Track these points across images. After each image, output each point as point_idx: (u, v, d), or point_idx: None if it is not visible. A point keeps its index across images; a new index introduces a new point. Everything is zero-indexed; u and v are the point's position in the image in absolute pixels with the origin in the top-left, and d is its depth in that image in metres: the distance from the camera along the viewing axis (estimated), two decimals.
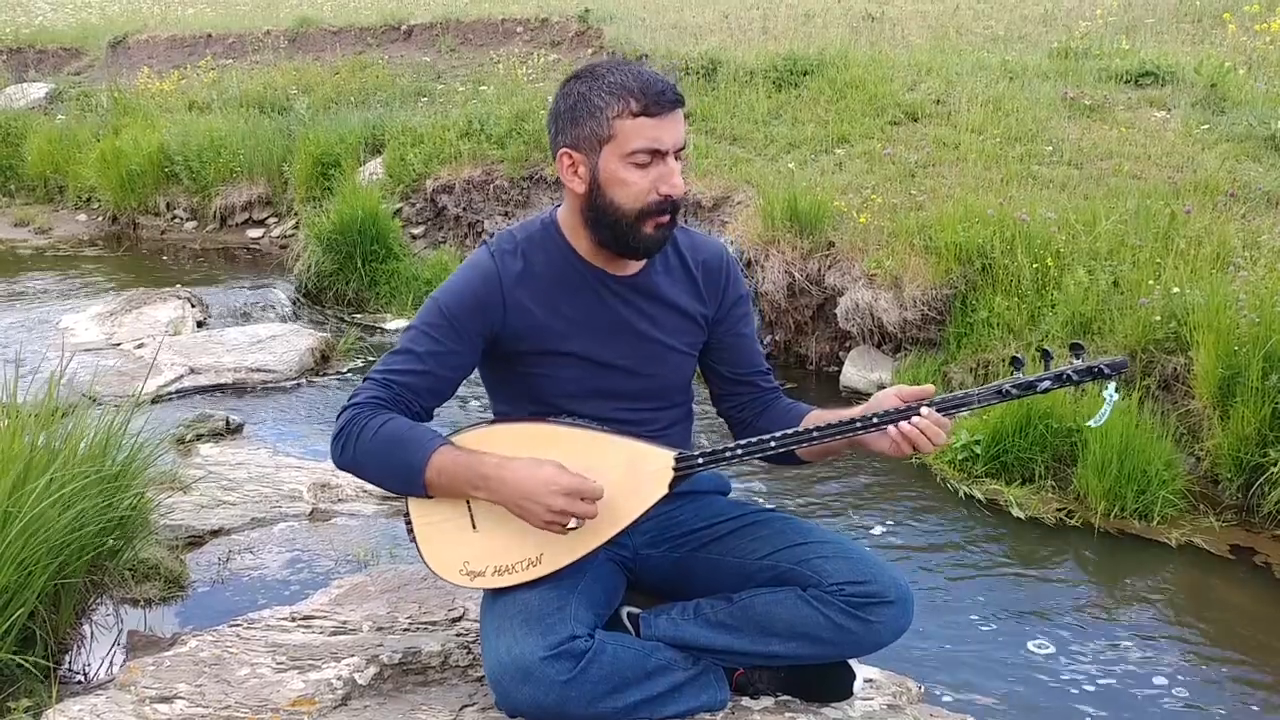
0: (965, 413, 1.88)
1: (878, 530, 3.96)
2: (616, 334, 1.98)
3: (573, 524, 1.81)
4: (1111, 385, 1.85)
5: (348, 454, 1.87)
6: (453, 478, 1.82)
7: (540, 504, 1.78)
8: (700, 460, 1.90)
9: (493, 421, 2.01)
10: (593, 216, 1.89)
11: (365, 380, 1.92)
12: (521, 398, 2.00)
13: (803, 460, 2.04)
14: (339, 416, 1.89)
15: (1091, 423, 1.93)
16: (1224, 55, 7.81)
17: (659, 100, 1.81)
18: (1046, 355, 1.86)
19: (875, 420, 1.85)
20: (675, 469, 1.90)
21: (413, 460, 1.82)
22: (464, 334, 1.91)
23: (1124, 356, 2.06)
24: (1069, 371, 1.84)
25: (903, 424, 1.82)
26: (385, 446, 1.83)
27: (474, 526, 1.87)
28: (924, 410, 1.82)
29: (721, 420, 2.21)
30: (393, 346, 1.96)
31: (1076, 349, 1.85)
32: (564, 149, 1.88)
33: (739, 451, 1.89)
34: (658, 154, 1.84)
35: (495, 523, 1.86)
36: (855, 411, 1.90)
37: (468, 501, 1.87)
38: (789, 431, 1.90)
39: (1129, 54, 7.95)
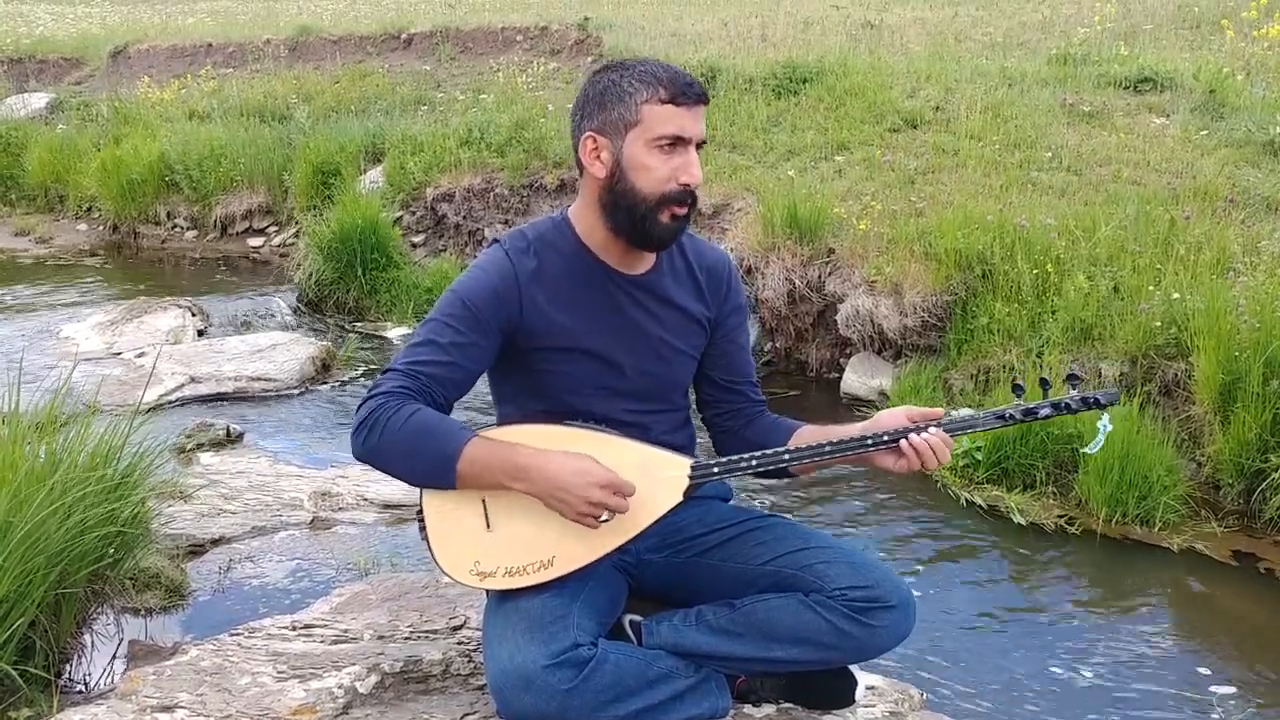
0: (970, 433, 1.97)
1: (879, 536, 3.95)
2: (626, 331, 1.99)
3: (605, 517, 1.81)
4: (1105, 416, 1.94)
5: (371, 443, 1.83)
6: (486, 467, 1.82)
7: (578, 495, 1.79)
8: (716, 469, 1.92)
9: (506, 422, 2.01)
10: (611, 201, 1.91)
11: (387, 371, 1.90)
12: (530, 396, 2.00)
13: (793, 473, 2.07)
14: (361, 406, 1.86)
15: (1088, 450, 2.06)
16: (1222, 61, 7.82)
17: (686, 91, 1.87)
18: (1045, 383, 1.94)
19: (886, 438, 1.90)
20: (691, 476, 1.91)
21: (445, 450, 1.81)
22: (485, 327, 1.91)
23: (1117, 390, 2.23)
24: (1067, 400, 1.93)
25: (913, 438, 1.88)
26: (415, 436, 1.81)
27: (488, 526, 1.87)
28: (931, 429, 1.89)
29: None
30: (399, 347, 1.96)
31: (1073, 379, 1.95)
32: (589, 133, 1.91)
33: (753, 463, 1.92)
34: (681, 142, 1.88)
35: (510, 523, 1.86)
36: (859, 428, 1.94)
37: (483, 501, 1.87)
38: (803, 446, 1.93)
39: (1128, 60, 7.97)
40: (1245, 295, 4.27)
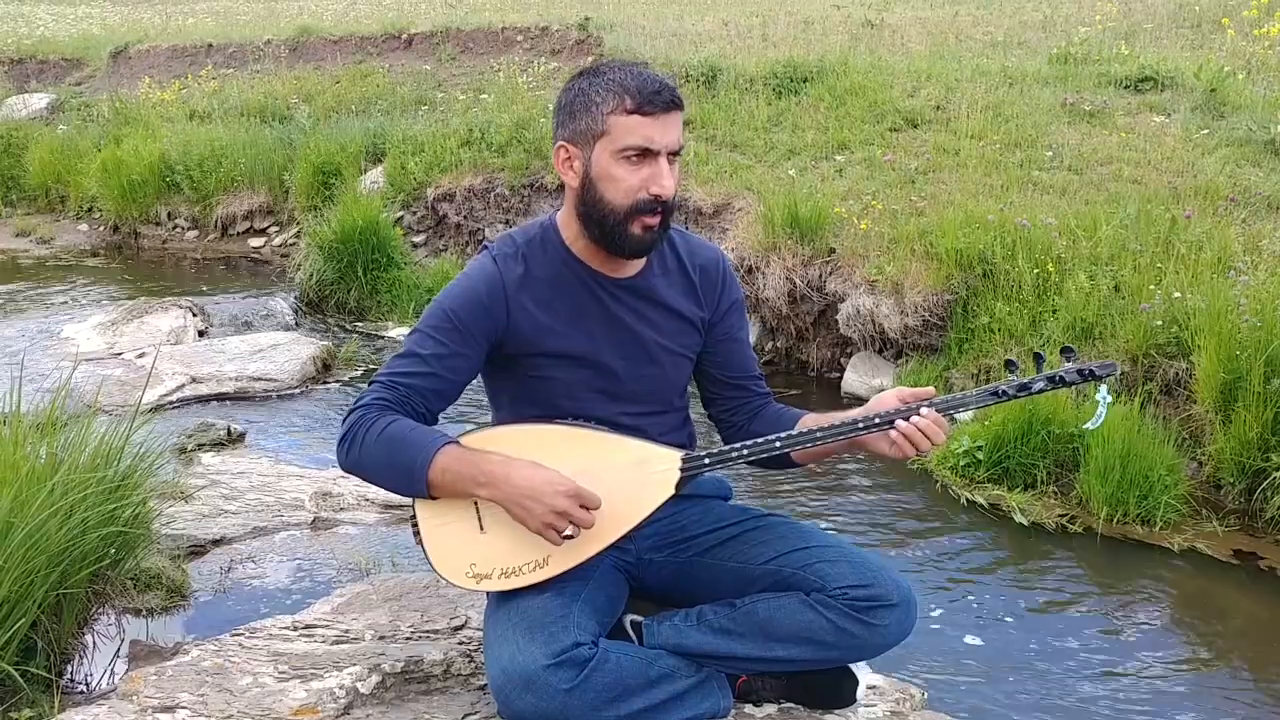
0: (964, 413, 1.93)
1: (879, 535, 3.95)
2: (615, 336, 1.99)
3: (569, 530, 1.81)
4: (1104, 388, 1.90)
5: (353, 455, 1.87)
6: (457, 476, 1.82)
7: (543, 503, 1.79)
8: (707, 460, 1.91)
9: (500, 423, 2.02)
10: (584, 211, 1.91)
11: (371, 383, 1.92)
12: (523, 401, 2.01)
13: (797, 462, 2.05)
14: (345, 419, 1.89)
15: (1088, 426, 1.99)
16: (1223, 60, 7.81)
17: (653, 100, 1.84)
18: (1039, 358, 1.90)
19: (877, 420, 1.87)
20: (682, 469, 1.91)
21: (416, 459, 1.82)
22: (469, 337, 1.92)
23: (1114, 360, 2.13)
24: (1062, 373, 1.89)
25: (901, 423, 1.85)
26: (389, 446, 1.83)
27: (481, 529, 1.88)
28: (923, 410, 1.86)
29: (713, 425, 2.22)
30: (396, 350, 1.97)
31: (1067, 352, 1.90)
32: (561, 142, 1.91)
33: (744, 452, 1.91)
34: (649, 153, 1.85)
35: (503, 525, 1.86)
36: (856, 413, 1.92)
37: (475, 504, 1.87)
38: (794, 432, 1.92)
39: (1128, 59, 7.96)
40: (1246, 294, 4.26)
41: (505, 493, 1.81)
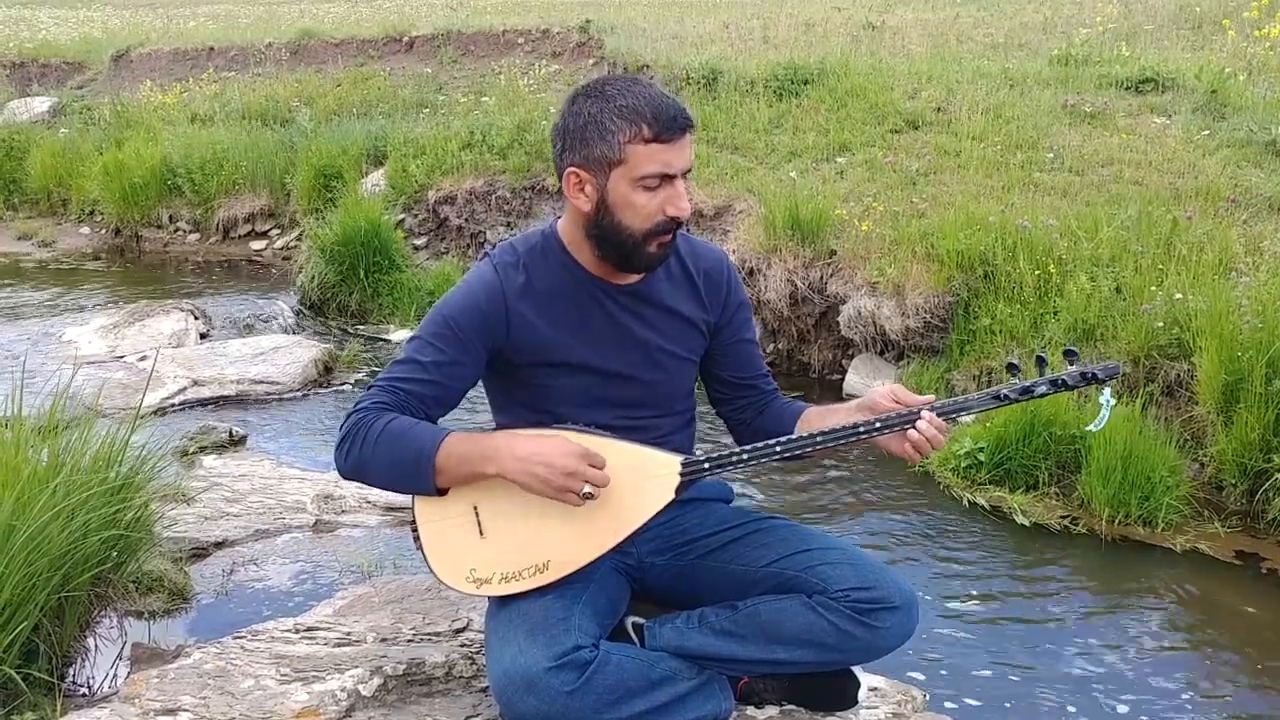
0: (965, 417, 1.92)
1: (881, 537, 3.95)
2: (619, 343, 1.99)
3: (587, 489, 1.80)
4: (1107, 390, 1.89)
5: (353, 457, 1.86)
6: (462, 458, 1.82)
7: (553, 467, 1.78)
8: (707, 465, 1.91)
9: (499, 427, 2.02)
10: (598, 234, 1.90)
11: (369, 388, 1.92)
12: (524, 407, 2.01)
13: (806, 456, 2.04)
14: (343, 424, 1.89)
15: (1091, 428, 1.99)
16: (1224, 61, 7.82)
17: (671, 126, 1.82)
18: (1041, 360, 1.90)
19: (878, 425, 1.87)
20: (682, 474, 1.91)
21: (422, 450, 1.82)
22: (468, 345, 1.92)
23: (1117, 362, 2.12)
24: (1064, 377, 1.88)
25: (910, 431, 1.85)
26: (392, 442, 1.83)
27: (481, 533, 1.88)
28: (925, 415, 1.86)
29: (720, 423, 2.23)
30: (396, 355, 1.97)
31: (1070, 355, 1.90)
32: (572, 168, 1.88)
33: (745, 456, 1.90)
34: (667, 177, 1.85)
35: (503, 529, 1.86)
36: (857, 414, 1.92)
37: (475, 508, 1.87)
38: (794, 437, 1.91)
39: (1129, 60, 7.97)
40: (1247, 295, 4.27)
41: (513, 464, 1.80)
